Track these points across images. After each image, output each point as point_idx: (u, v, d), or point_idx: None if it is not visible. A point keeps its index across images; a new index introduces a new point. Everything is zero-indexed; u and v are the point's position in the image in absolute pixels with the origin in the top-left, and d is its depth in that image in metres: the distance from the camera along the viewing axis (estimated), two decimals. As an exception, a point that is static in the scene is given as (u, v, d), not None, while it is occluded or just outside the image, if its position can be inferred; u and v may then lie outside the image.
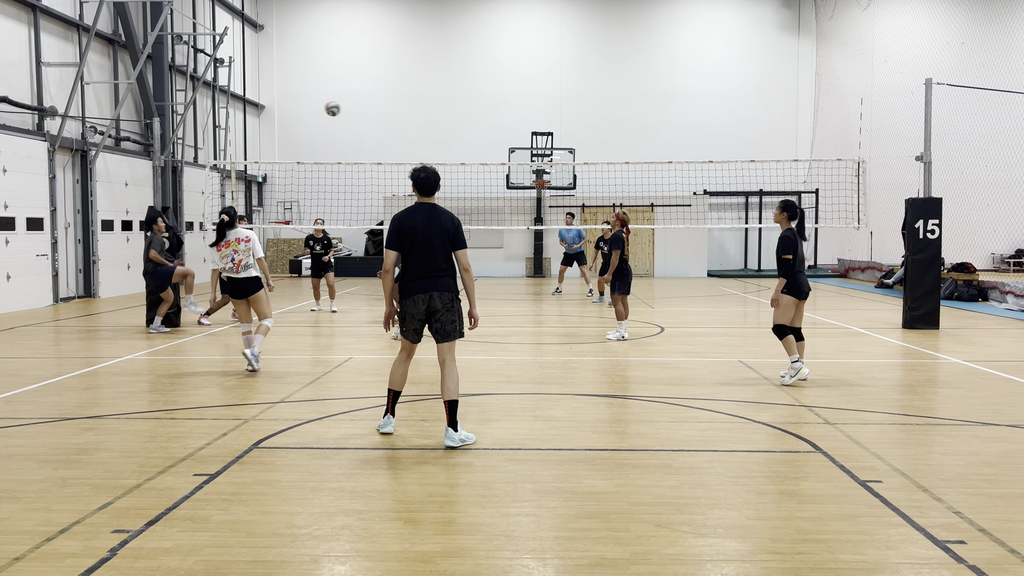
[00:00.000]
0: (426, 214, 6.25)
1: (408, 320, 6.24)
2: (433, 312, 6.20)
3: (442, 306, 6.19)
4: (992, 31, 25.09)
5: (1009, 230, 24.26)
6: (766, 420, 6.97)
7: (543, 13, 28.61)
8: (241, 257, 9.30)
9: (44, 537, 4.37)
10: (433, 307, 6.19)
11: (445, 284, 6.22)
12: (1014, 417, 7.11)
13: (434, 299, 6.18)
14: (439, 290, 6.19)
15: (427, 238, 6.17)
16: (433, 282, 6.18)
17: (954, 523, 4.59)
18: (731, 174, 25.51)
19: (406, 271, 6.25)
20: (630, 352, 10.80)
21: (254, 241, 9.41)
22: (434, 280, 6.18)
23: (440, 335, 6.24)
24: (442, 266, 6.20)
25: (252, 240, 9.39)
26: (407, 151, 27.26)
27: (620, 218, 12.06)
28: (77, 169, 18.17)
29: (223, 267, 9.37)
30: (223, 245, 9.36)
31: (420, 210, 6.28)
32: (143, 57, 19.36)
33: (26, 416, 7.13)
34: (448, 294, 6.21)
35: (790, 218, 8.59)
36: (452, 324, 6.23)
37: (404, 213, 6.31)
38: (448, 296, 6.21)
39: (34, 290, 16.59)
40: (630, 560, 4.11)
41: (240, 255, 9.31)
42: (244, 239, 9.37)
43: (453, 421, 6.14)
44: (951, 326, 13.61)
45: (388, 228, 6.34)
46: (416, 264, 6.18)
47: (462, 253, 6.29)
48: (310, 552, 4.21)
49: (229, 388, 8.35)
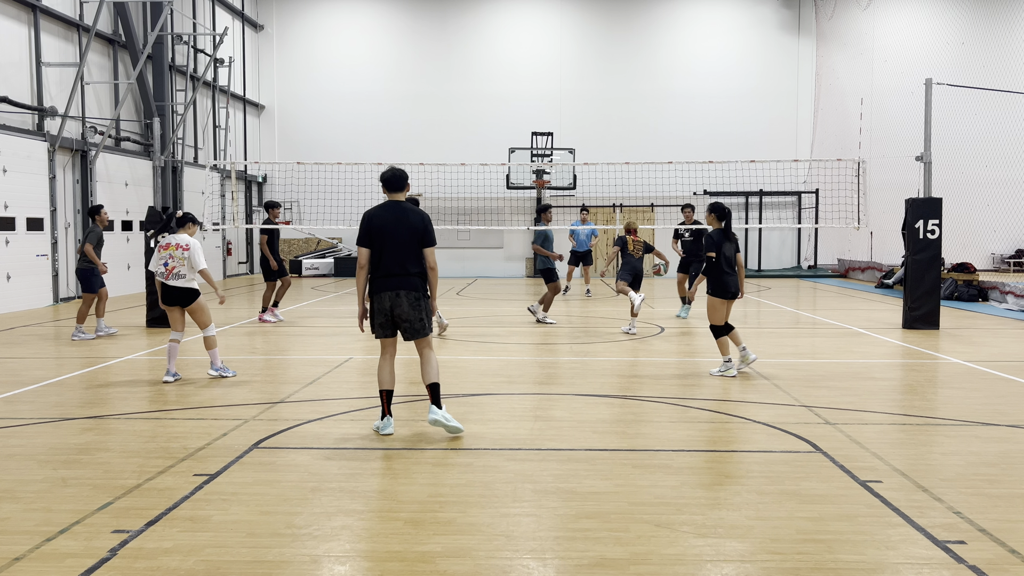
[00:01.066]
0: (396, 212, 6.39)
1: (376, 316, 6.39)
2: (400, 314, 6.33)
3: (409, 306, 6.32)
4: (992, 31, 25.09)
5: (1009, 230, 24.25)
6: (766, 420, 6.97)
7: (543, 13, 28.61)
8: (174, 264, 8.74)
9: (44, 537, 4.37)
10: (399, 307, 6.32)
11: (413, 284, 6.34)
12: (1014, 417, 7.11)
13: (401, 297, 6.31)
14: (406, 289, 6.32)
15: (397, 236, 6.31)
16: (401, 281, 6.31)
17: (954, 523, 4.59)
18: (731, 174, 25.48)
19: (376, 268, 6.37)
20: (630, 352, 10.80)
21: (194, 251, 8.79)
22: (402, 279, 6.31)
23: (410, 333, 6.40)
24: (411, 265, 6.34)
25: (192, 249, 8.78)
26: (407, 151, 27.26)
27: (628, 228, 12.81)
28: (77, 169, 18.17)
29: (156, 270, 8.82)
30: (163, 247, 8.82)
31: (389, 208, 6.43)
32: (143, 57, 19.37)
33: (26, 416, 7.13)
34: (415, 293, 6.34)
35: (718, 219, 9.07)
36: (420, 323, 6.38)
37: (375, 211, 6.44)
38: (415, 296, 6.34)
39: (34, 290, 16.59)
40: (630, 560, 4.11)
41: (174, 262, 8.75)
42: (183, 246, 8.79)
43: (437, 401, 6.36)
44: (951, 326, 13.61)
45: (360, 226, 6.45)
46: (386, 262, 6.31)
47: (430, 251, 6.43)
48: (310, 552, 4.21)
49: (229, 388, 8.35)
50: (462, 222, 24.90)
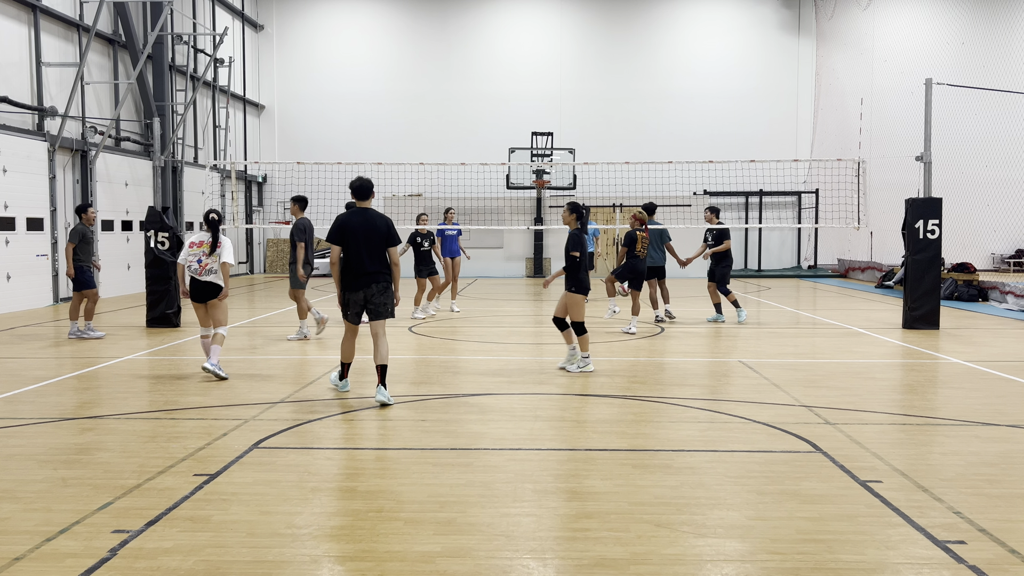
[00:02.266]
0: (364, 217, 7.52)
1: (351, 306, 7.58)
2: (369, 298, 7.52)
3: (379, 294, 7.54)
4: (992, 31, 25.09)
5: (1009, 230, 24.25)
6: (766, 420, 6.97)
7: (543, 13, 28.61)
8: (208, 261, 8.98)
9: (44, 537, 4.37)
10: (370, 294, 7.51)
11: (383, 277, 7.55)
12: (1014, 417, 7.11)
13: (373, 289, 7.51)
14: (377, 282, 7.53)
15: (368, 239, 7.45)
16: (371, 278, 7.49)
17: (954, 523, 4.59)
18: (731, 174, 25.50)
19: (349, 266, 7.49)
20: (630, 352, 10.80)
21: (226, 247, 9.05)
22: (373, 276, 7.49)
23: (374, 315, 7.55)
24: (381, 262, 7.53)
25: (224, 246, 9.05)
26: (407, 151, 27.27)
27: (637, 217, 12.67)
28: (77, 169, 18.16)
29: (187, 265, 9.02)
30: (196, 244, 9.03)
31: (358, 213, 7.56)
32: (143, 57, 19.36)
33: (26, 416, 7.13)
34: (383, 284, 7.54)
35: (578, 219, 9.19)
36: (385, 306, 7.57)
37: (345, 216, 7.58)
38: (383, 286, 7.55)
39: (34, 290, 16.59)
40: (630, 560, 4.11)
41: (208, 259, 8.98)
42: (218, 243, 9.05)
43: (383, 381, 7.47)
44: (951, 326, 13.61)
45: (332, 226, 7.53)
46: (358, 262, 7.45)
47: (394, 250, 7.61)
48: (310, 552, 4.21)
49: (229, 388, 8.35)
50: (462, 222, 24.89)
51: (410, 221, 23.58)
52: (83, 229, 12.07)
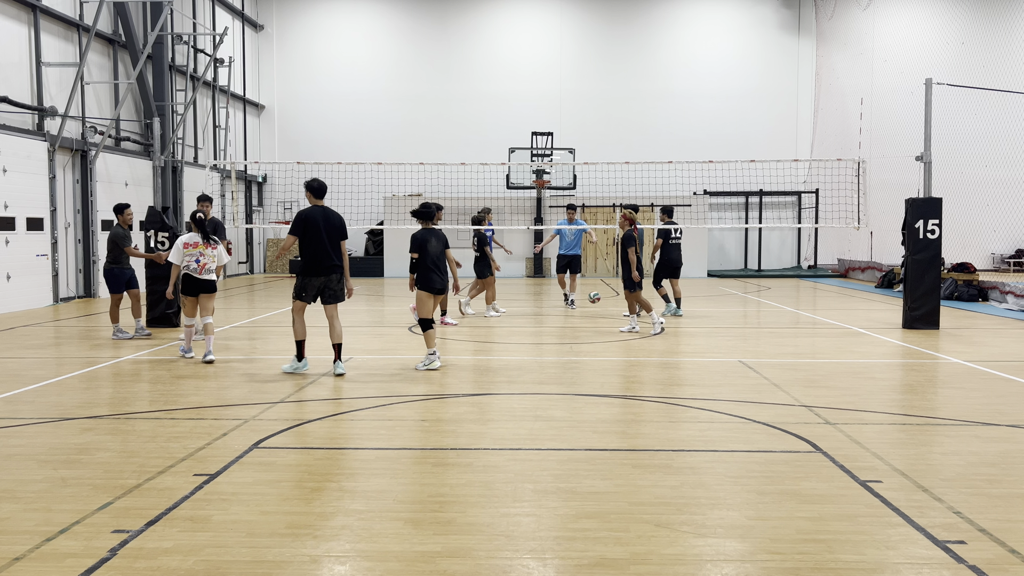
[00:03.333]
0: (322, 213, 8.84)
1: (308, 290, 8.89)
2: (328, 284, 8.89)
3: (336, 282, 8.92)
4: (992, 31, 25.09)
5: (1009, 230, 24.26)
6: (766, 420, 6.97)
7: (543, 13, 28.61)
8: (205, 261, 9.93)
9: (44, 537, 4.37)
10: (329, 281, 8.87)
11: (338, 267, 8.90)
12: (1014, 417, 7.11)
13: (332, 277, 8.87)
14: (335, 272, 8.89)
15: (327, 233, 8.77)
16: (332, 268, 8.85)
17: (954, 523, 4.59)
18: (731, 174, 25.50)
19: (313, 256, 8.76)
20: (630, 352, 10.80)
21: (220, 250, 10.17)
22: (330, 267, 8.84)
23: (329, 299, 8.95)
24: (336, 253, 8.87)
25: (219, 248, 10.13)
26: (407, 151, 27.27)
27: (627, 217, 12.46)
28: (77, 169, 18.17)
29: (184, 264, 9.88)
30: (191, 245, 9.88)
31: (318, 210, 8.87)
32: (143, 57, 19.36)
33: (26, 416, 7.13)
34: (338, 274, 8.93)
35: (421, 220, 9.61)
36: (340, 292, 8.97)
37: (307, 211, 8.83)
38: (338, 276, 8.94)
39: (34, 290, 16.59)
40: (630, 560, 4.11)
41: (205, 259, 9.94)
42: (212, 246, 10.02)
43: (340, 356, 8.98)
44: (951, 326, 13.61)
45: (295, 219, 8.77)
46: (323, 253, 8.77)
47: (344, 243, 8.99)
48: (310, 552, 4.21)
49: (229, 388, 8.35)
50: (462, 222, 24.88)
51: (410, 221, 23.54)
52: (121, 231, 12.02)
